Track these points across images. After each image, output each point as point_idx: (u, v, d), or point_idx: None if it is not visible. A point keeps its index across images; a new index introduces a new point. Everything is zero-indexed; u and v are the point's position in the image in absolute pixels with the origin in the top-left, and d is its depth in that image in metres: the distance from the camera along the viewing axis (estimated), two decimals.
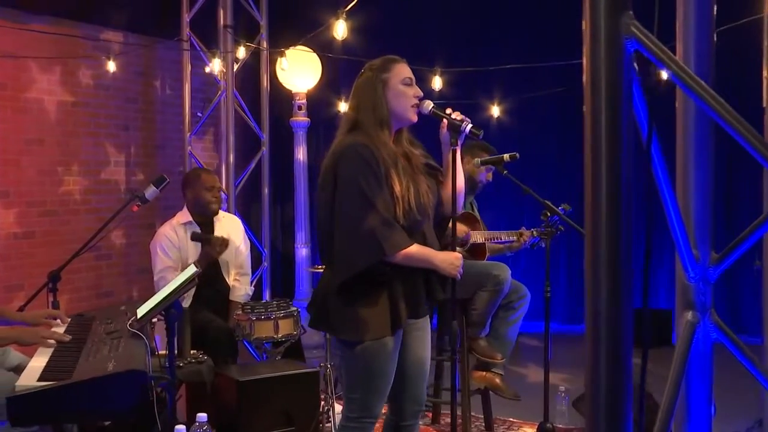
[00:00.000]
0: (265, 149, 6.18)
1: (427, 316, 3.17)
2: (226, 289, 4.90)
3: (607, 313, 1.11)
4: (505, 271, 4.44)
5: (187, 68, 5.98)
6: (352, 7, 4.25)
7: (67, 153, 6.15)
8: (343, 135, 3.05)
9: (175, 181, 5.34)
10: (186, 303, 4.51)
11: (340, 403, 4.99)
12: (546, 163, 7.42)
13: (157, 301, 3.28)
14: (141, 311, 3.31)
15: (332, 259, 2.97)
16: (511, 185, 4.40)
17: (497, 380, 4.61)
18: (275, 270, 6.54)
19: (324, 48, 5.97)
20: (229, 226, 4.96)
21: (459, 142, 3.05)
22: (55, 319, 3.58)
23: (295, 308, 4.72)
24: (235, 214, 5.78)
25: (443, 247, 3.11)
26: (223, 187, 5.98)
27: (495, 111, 6.67)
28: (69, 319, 3.62)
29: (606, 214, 1.16)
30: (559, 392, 4.81)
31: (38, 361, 2.89)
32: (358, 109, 3.04)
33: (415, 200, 2.94)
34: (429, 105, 3.06)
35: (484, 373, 4.59)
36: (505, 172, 4.37)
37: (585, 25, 1.25)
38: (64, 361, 2.85)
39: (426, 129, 3.19)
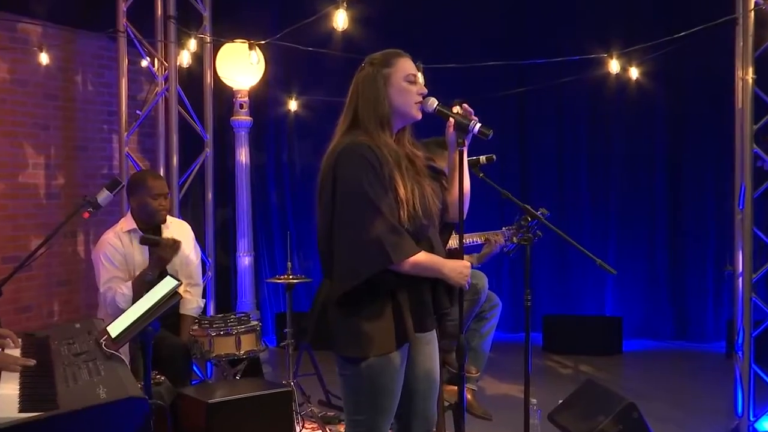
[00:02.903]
0: (209, 150, 5.78)
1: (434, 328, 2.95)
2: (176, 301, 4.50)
3: None
4: (482, 280, 4.30)
5: (124, 62, 5.52)
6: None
7: None
8: (341, 134, 2.83)
9: (99, 185, 4.91)
10: None
11: (306, 427, 4.72)
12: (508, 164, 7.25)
13: (132, 320, 2.94)
14: (114, 330, 2.96)
15: (333, 268, 2.73)
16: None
17: (469, 396, 4.44)
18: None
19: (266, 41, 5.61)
20: (177, 232, 4.54)
21: (466, 142, 2.84)
22: (5, 339, 3.15)
23: (255, 322, 4.41)
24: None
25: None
26: None
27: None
28: (20, 340, 3.20)
29: None
30: (531, 405, 4.64)
31: (8, 389, 2.51)
32: (358, 105, 2.82)
33: (421, 204, 2.74)
34: (433, 103, 2.86)
35: (457, 387, 4.38)
36: (481, 174, 4.19)
37: None
38: (42, 389, 2.47)
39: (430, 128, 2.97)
